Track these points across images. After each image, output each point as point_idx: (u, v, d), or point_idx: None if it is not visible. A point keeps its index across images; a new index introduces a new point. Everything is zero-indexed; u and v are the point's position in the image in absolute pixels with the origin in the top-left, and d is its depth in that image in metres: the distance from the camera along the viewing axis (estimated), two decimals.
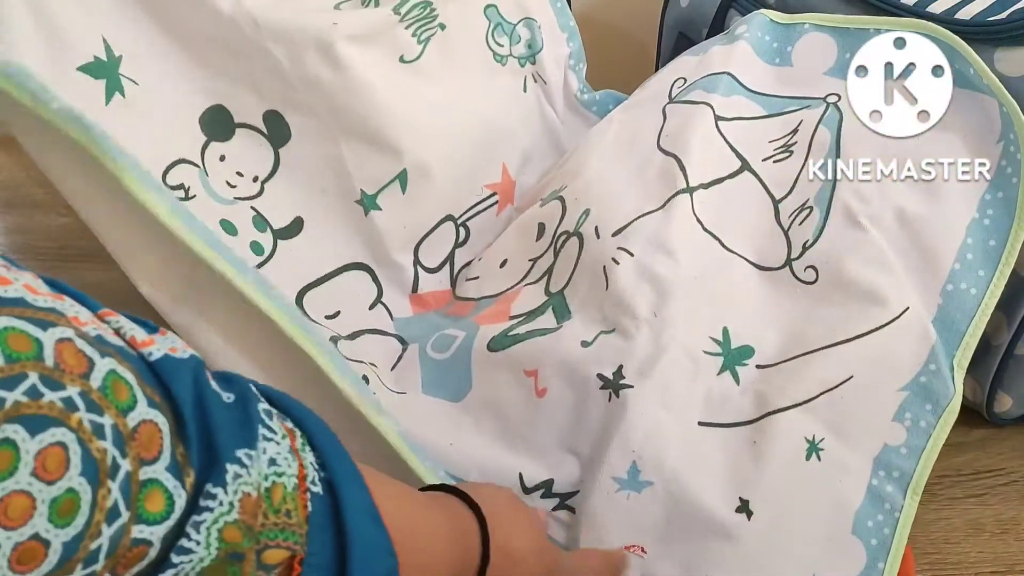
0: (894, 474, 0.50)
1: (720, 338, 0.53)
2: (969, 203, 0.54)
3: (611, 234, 0.56)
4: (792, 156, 0.58)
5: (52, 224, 0.79)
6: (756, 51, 0.62)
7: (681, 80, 0.63)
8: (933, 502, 0.57)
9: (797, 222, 0.56)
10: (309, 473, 0.32)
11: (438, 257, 0.63)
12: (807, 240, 0.56)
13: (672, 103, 0.62)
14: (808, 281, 0.55)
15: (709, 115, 0.59)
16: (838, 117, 0.58)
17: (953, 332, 0.52)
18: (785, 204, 0.57)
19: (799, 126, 0.59)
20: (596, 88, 0.72)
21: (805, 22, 0.62)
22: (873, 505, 0.49)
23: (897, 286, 0.53)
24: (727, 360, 0.53)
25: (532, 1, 0.69)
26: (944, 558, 0.54)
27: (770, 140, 0.59)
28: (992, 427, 0.62)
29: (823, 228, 0.55)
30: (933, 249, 0.54)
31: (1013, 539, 0.55)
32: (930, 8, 0.57)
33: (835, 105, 0.58)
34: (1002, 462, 0.60)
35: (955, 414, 0.50)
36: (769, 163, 0.59)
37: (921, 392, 0.51)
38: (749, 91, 0.61)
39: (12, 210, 0.80)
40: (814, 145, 0.58)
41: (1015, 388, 0.60)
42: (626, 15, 0.94)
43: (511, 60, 0.67)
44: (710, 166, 0.58)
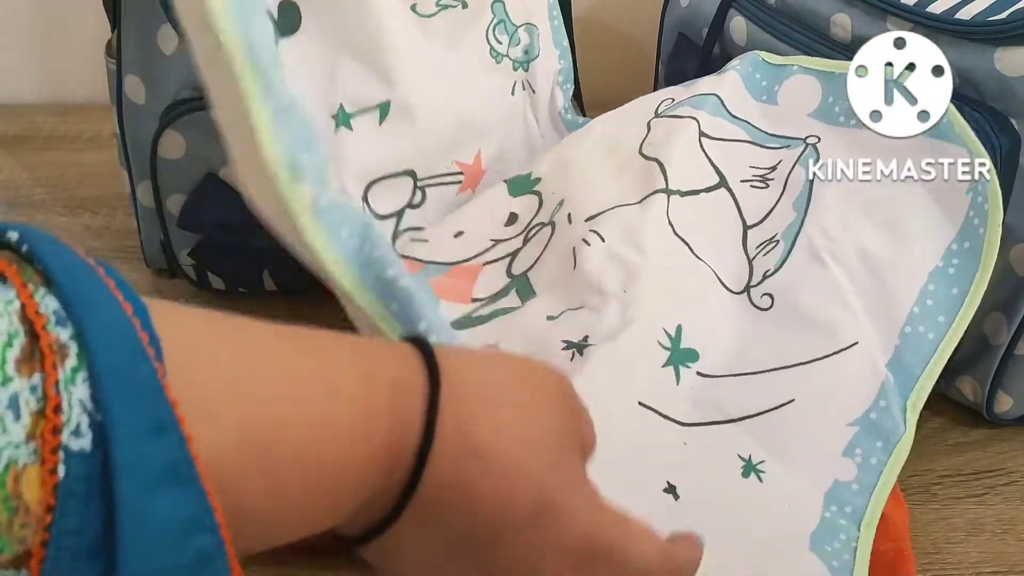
0: (846, 509, 0.49)
1: (673, 333, 0.53)
2: (935, 250, 0.54)
3: (584, 219, 0.56)
4: (768, 189, 0.59)
5: (52, 224, 0.78)
6: (745, 84, 0.63)
7: (669, 100, 0.63)
8: (933, 502, 0.57)
9: (762, 253, 0.57)
10: (71, 418, 0.20)
11: (387, 207, 0.60)
12: (768, 269, 0.56)
13: (657, 117, 0.62)
14: (763, 307, 0.55)
15: (694, 128, 0.60)
16: (815, 158, 0.58)
17: (908, 374, 0.52)
18: (754, 233, 0.58)
19: (778, 164, 0.59)
20: (596, 87, 0.72)
21: (794, 64, 0.62)
22: (829, 533, 0.48)
23: (851, 322, 0.53)
24: (673, 356, 0.53)
25: (536, 9, 0.69)
26: (944, 558, 0.54)
27: (750, 165, 0.60)
28: (992, 427, 0.62)
29: (785, 259, 0.56)
30: (894, 291, 0.54)
31: (1013, 539, 0.55)
32: (930, 8, 0.57)
33: (814, 146, 0.59)
34: (1002, 462, 0.60)
35: (906, 452, 0.50)
36: (746, 186, 0.59)
37: (871, 429, 0.51)
38: (733, 116, 0.62)
39: (12, 210, 0.80)
40: (790, 183, 0.58)
41: (1015, 388, 0.59)
42: (626, 16, 0.94)
43: (506, 60, 0.67)
44: (689, 176, 0.59)
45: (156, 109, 0.64)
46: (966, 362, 0.61)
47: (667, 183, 0.58)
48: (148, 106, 0.64)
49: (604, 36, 0.92)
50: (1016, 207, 0.56)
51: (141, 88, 0.64)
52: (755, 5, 0.66)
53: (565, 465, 0.29)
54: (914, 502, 0.57)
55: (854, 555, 0.48)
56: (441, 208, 0.63)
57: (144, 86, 0.64)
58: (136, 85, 0.64)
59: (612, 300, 0.53)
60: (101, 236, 0.77)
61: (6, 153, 0.87)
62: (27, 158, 0.87)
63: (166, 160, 0.63)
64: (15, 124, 0.91)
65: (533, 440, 0.28)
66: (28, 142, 0.89)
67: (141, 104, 0.64)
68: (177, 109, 0.62)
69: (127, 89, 0.65)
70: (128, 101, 0.65)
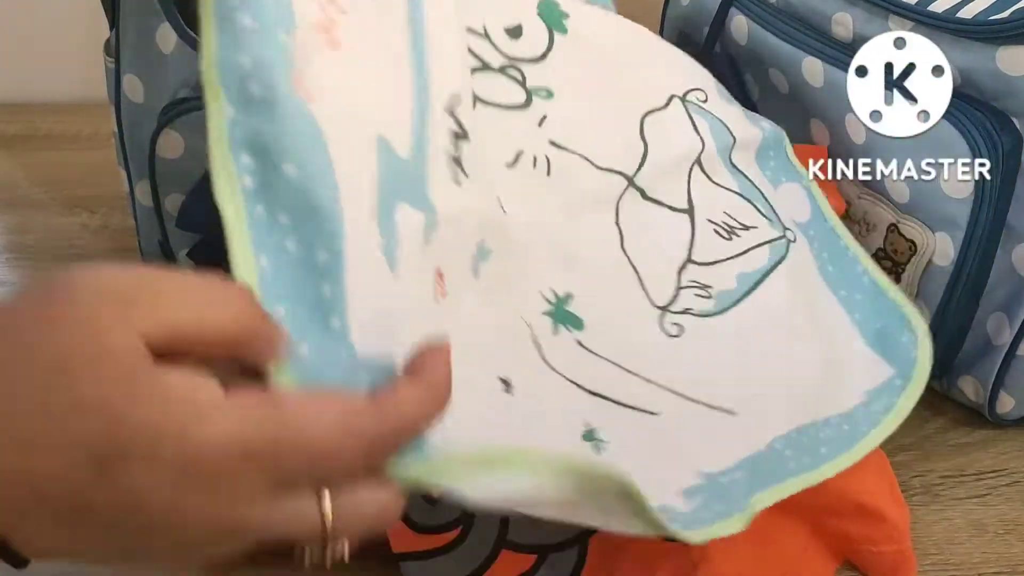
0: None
1: (562, 294, 0.52)
2: (859, 389, 0.52)
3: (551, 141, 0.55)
4: (729, 242, 0.57)
5: (52, 224, 0.78)
6: (758, 152, 0.61)
7: (701, 92, 0.61)
8: (935, 503, 0.57)
9: (693, 292, 0.55)
10: None
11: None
12: (692, 309, 0.54)
13: (680, 101, 0.60)
14: (670, 334, 0.53)
15: (696, 148, 0.58)
16: (782, 254, 0.57)
17: (770, 475, 0.48)
18: (695, 270, 0.56)
19: (751, 229, 0.57)
20: None
21: (805, 177, 0.61)
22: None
23: (740, 394, 0.51)
24: (557, 309, 0.51)
25: None
26: (947, 559, 0.54)
27: (725, 210, 0.58)
28: (995, 427, 0.62)
29: (710, 316, 0.54)
30: (806, 402, 0.51)
31: (1016, 540, 0.55)
32: (931, 7, 0.57)
33: (789, 242, 0.58)
34: (1005, 462, 0.60)
35: (732, 531, 0.44)
36: (710, 227, 0.57)
37: (716, 491, 0.46)
38: (733, 166, 0.60)
39: (12, 210, 0.80)
40: (751, 256, 0.57)
41: (1017, 389, 0.59)
42: (626, 14, 0.93)
43: None
44: (661, 186, 0.57)
45: (155, 108, 0.63)
46: (968, 362, 0.61)
47: (637, 172, 0.56)
48: (147, 105, 0.64)
49: None
50: (1017, 207, 0.56)
51: (140, 87, 0.63)
52: (756, 3, 0.66)
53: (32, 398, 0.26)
54: (916, 503, 0.57)
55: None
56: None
57: (143, 85, 0.63)
58: (135, 84, 0.64)
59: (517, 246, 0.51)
60: (99, 236, 0.77)
61: (5, 152, 0.87)
62: (26, 158, 0.86)
63: (165, 159, 0.63)
64: (14, 124, 0.91)
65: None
66: (27, 142, 0.89)
67: (139, 103, 0.64)
68: (176, 108, 0.62)
69: (125, 88, 0.64)
70: (127, 100, 0.65)
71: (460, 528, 0.51)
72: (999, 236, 0.57)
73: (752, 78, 0.69)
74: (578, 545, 0.51)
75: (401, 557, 0.51)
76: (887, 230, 0.61)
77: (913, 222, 0.59)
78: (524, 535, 0.51)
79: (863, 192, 0.63)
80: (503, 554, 0.51)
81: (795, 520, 0.52)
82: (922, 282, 0.59)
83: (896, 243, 0.60)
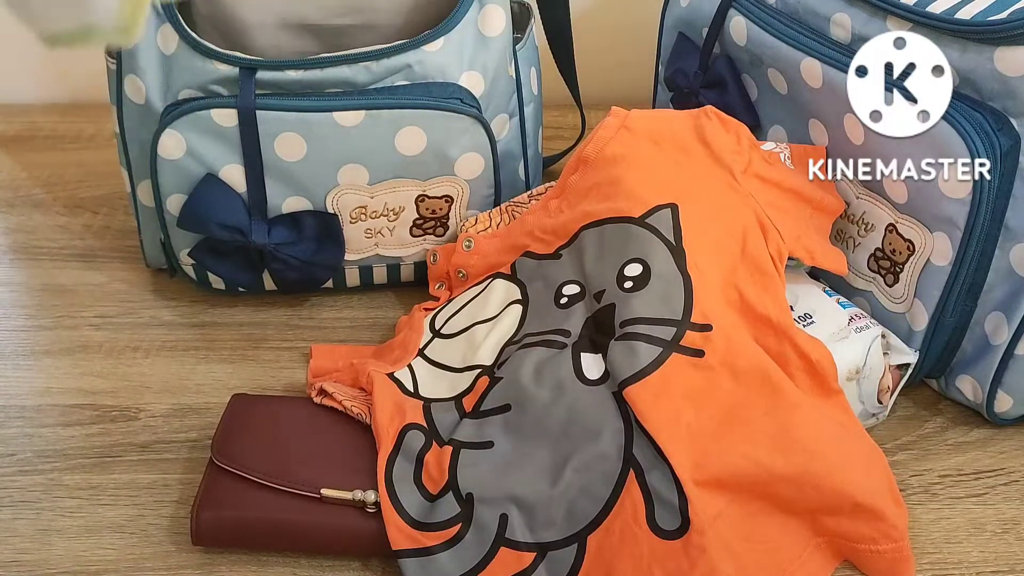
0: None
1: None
2: None
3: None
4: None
5: (52, 224, 0.79)
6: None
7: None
8: (934, 502, 0.57)
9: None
10: None
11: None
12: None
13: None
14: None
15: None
16: None
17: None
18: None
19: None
20: (596, 88, 0.71)
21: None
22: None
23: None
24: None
25: None
26: (945, 558, 0.54)
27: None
28: (993, 427, 0.62)
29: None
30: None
31: (1014, 539, 0.55)
32: (930, 8, 0.57)
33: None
34: (1003, 462, 0.60)
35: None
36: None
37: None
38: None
39: (12, 210, 0.80)
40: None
41: (1015, 388, 0.59)
42: (626, 16, 0.94)
43: None
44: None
45: (156, 109, 0.64)
46: (966, 362, 0.61)
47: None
48: (148, 106, 0.64)
49: (604, 36, 0.92)
50: (1016, 207, 0.56)
51: (141, 88, 0.64)
52: (755, 4, 0.66)
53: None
54: (914, 502, 0.57)
55: None
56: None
57: (144, 86, 0.64)
58: (136, 85, 0.64)
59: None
60: (101, 236, 0.77)
61: (6, 153, 0.87)
62: (27, 158, 0.87)
63: (166, 160, 0.63)
64: (15, 124, 0.91)
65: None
66: (28, 142, 0.89)
67: (141, 104, 0.64)
68: (177, 109, 0.62)
69: (127, 89, 0.65)
70: (128, 101, 0.65)
71: (459, 525, 0.51)
72: (997, 236, 0.57)
73: (751, 79, 0.69)
74: (577, 544, 0.51)
75: (400, 554, 0.51)
76: (886, 230, 0.61)
77: (911, 222, 0.59)
78: (523, 533, 0.51)
79: (862, 192, 0.63)
80: (502, 552, 0.51)
81: (794, 520, 0.52)
82: (920, 282, 0.59)
83: (894, 243, 0.60)
